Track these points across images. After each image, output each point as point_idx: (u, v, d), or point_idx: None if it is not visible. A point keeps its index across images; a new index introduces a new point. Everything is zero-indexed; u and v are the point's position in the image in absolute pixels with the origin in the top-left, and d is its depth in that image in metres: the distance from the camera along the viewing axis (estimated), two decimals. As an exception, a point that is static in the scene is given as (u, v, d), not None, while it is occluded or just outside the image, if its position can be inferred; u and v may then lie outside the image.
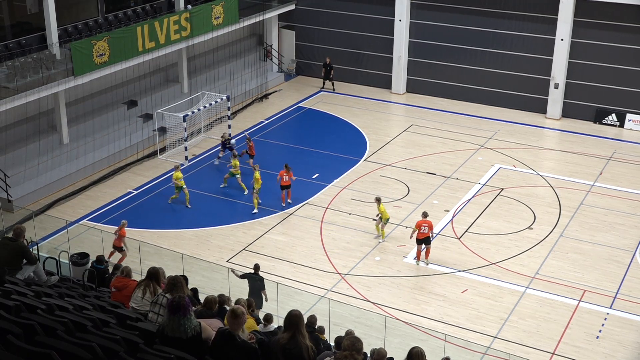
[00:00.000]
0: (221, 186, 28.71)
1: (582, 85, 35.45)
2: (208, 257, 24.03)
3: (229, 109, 33.60)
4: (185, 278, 15.32)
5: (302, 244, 25.25)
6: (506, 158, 31.72)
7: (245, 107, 37.16)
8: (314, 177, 30.01)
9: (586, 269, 23.92)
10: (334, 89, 39.13)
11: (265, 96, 38.65)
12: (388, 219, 25.43)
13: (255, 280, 20.53)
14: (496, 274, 23.58)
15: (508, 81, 36.89)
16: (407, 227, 26.10)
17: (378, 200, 25.48)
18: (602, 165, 31.21)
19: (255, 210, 27.10)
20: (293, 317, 9.81)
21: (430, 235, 23.75)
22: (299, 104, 37.90)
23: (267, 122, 35.51)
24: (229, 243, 25.26)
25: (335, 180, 29.68)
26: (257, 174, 27.04)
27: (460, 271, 23.70)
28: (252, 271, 20.91)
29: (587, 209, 27.58)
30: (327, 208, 27.56)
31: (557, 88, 35.55)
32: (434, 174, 30.17)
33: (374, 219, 26.00)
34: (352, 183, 29.31)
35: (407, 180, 29.55)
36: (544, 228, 26.27)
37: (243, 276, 20.66)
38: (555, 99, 35.77)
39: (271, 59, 41.32)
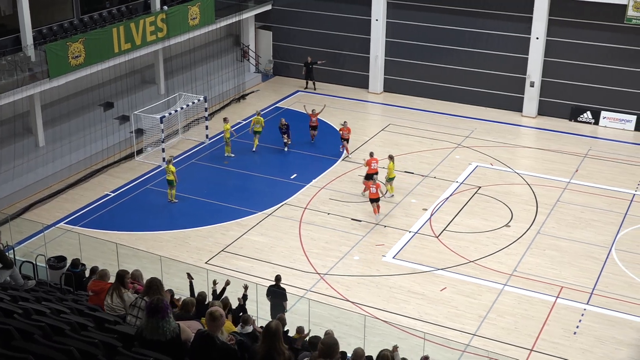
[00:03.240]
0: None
1: (557, 83, 35.74)
2: (187, 259, 23.93)
3: (206, 109, 33.51)
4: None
5: (281, 244, 25.24)
6: (483, 156, 31.90)
7: (223, 107, 37.07)
8: (292, 177, 30.01)
9: (563, 265, 24.11)
10: (315, 88, 39.13)
11: (243, 97, 38.57)
12: (393, 178, 27.63)
13: (278, 294, 20.17)
14: (474, 271, 23.70)
15: (484, 80, 37.10)
16: (385, 227, 26.19)
17: (391, 157, 27.57)
18: (578, 162, 31.48)
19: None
20: (270, 331, 9.36)
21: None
22: (277, 104, 37.86)
23: (244, 122, 35.43)
24: (207, 244, 25.19)
25: (314, 180, 29.69)
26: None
27: (438, 269, 23.80)
28: (274, 283, 20.52)
29: (563, 206, 27.80)
30: (305, 208, 27.57)
31: (532, 86, 35.81)
32: (412, 173, 30.26)
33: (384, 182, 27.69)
34: (330, 183, 29.34)
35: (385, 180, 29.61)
36: (521, 225, 26.45)
37: (268, 294, 20.24)
38: (531, 97, 36.02)
39: (248, 60, 41.25)
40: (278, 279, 20.47)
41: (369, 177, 27.41)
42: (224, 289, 18.59)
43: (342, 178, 29.92)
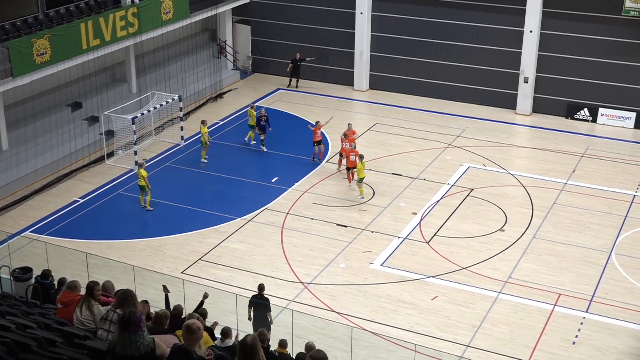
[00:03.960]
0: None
1: (552, 79, 35.92)
2: (161, 269, 23.84)
3: (181, 109, 33.42)
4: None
5: (261, 252, 25.19)
6: (475, 157, 32.01)
7: (199, 107, 36.98)
8: (273, 180, 29.98)
9: (561, 271, 24.22)
10: (297, 86, 39.09)
11: (220, 95, 38.50)
12: (363, 179, 28.00)
13: (261, 305, 20.01)
14: (467, 279, 23.76)
15: (475, 76, 37.23)
16: (372, 232, 26.22)
17: (360, 157, 28.01)
18: (575, 162, 31.64)
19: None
20: (246, 346, 9.26)
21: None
22: (256, 103, 37.78)
23: (222, 123, 35.37)
24: (183, 253, 25.10)
25: (296, 184, 29.66)
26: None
27: (429, 277, 23.83)
28: (256, 292, 20.36)
29: (560, 209, 27.93)
30: (287, 213, 27.55)
31: (526, 82, 35.98)
32: (400, 175, 30.31)
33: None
34: (313, 186, 29.33)
35: (372, 182, 29.65)
36: (516, 229, 26.55)
37: (250, 305, 20.07)
38: (525, 94, 36.19)
39: (225, 56, 41.18)
40: (261, 288, 20.38)
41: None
42: (202, 302, 18.52)
43: (326, 181, 29.92)
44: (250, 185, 29.80)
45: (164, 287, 18.89)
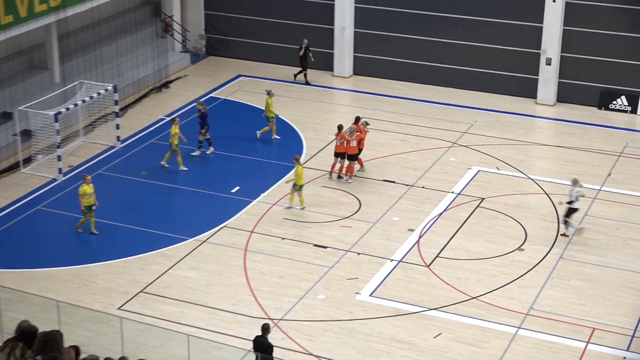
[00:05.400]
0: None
1: (581, 59, 36.06)
2: (93, 304, 23.66)
3: (116, 103, 33.26)
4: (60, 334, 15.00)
5: (220, 281, 25.07)
6: (487, 158, 32.06)
7: (139, 99, 36.85)
8: (233, 191, 29.87)
9: (595, 300, 24.24)
10: (307, 81, 38.86)
11: (166, 84, 38.40)
12: (302, 186, 28.27)
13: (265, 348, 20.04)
14: (478, 311, 23.74)
15: (486, 57, 37.31)
16: (359, 254, 26.16)
17: (297, 160, 28.47)
18: (611, 163, 31.76)
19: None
20: None
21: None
22: (212, 94, 37.69)
23: (168, 119, 35.20)
24: (120, 284, 24.92)
25: (262, 195, 29.55)
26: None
27: (430, 310, 23.79)
28: (260, 334, 20.34)
29: (593, 222, 27.99)
30: (252, 232, 27.44)
31: (549, 64, 36.10)
32: (393, 182, 30.29)
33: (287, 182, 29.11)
34: (284, 198, 29.26)
35: (358, 192, 29.59)
36: (538, 249, 26.58)
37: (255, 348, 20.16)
38: (548, 79, 36.31)
39: (172, 35, 41.06)
40: (266, 329, 20.26)
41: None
42: None
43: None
44: (205, 197, 29.69)
45: None
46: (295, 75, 38.82)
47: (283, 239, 27.10)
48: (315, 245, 26.73)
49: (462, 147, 32.87)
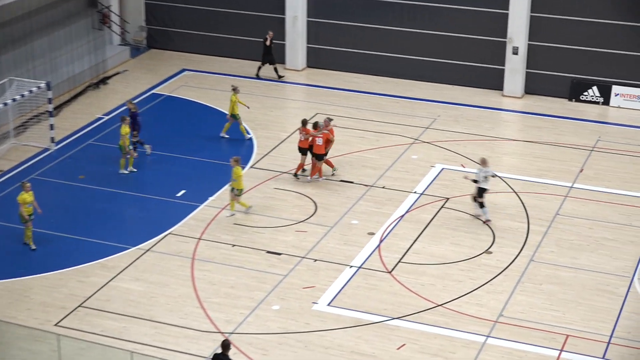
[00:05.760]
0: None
1: (550, 48, 36.32)
2: (27, 321, 23.41)
3: (50, 101, 32.99)
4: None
5: (165, 293, 24.94)
6: (450, 155, 32.19)
7: (75, 97, 36.61)
8: (178, 195, 29.79)
9: (568, 304, 24.41)
10: (278, 76, 38.80)
11: (104, 80, 38.19)
12: (241, 190, 28.13)
13: None
14: (445, 319, 23.81)
15: (449, 47, 37.46)
16: (315, 261, 26.15)
17: (236, 161, 28.22)
18: (583, 158, 32.03)
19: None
20: None
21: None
22: (154, 90, 37.52)
23: (107, 118, 35.00)
24: (57, 298, 24.70)
25: (210, 199, 29.47)
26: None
27: (393, 319, 23.84)
28: (220, 352, 20.31)
29: (565, 221, 28.21)
30: (199, 239, 27.35)
31: (516, 54, 36.32)
32: (351, 183, 30.32)
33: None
34: (236, 189, 29.19)
35: (313, 194, 29.62)
36: (507, 251, 26.72)
37: None
38: (515, 69, 36.54)
39: (110, 27, 40.81)
40: (226, 346, 20.21)
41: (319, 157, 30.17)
42: None
43: (251, 193, 29.80)
44: (148, 202, 29.58)
45: None
46: (277, 75, 38.81)
47: (233, 245, 27.03)
48: (268, 252, 26.68)
49: (425, 143, 32.97)
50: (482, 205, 27.90)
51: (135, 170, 31.09)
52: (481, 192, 27.76)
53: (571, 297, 24.71)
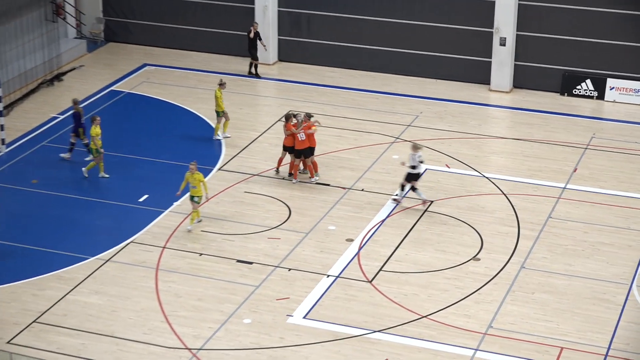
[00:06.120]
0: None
1: (540, 39, 36.41)
2: (-23, 338, 23.37)
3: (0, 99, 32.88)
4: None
5: (127, 306, 24.84)
6: (435, 154, 32.24)
7: (27, 95, 36.47)
8: (140, 200, 29.71)
9: (562, 315, 24.46)
10: (256, 72, 38.82)
11: (58, 77, 38.06)
12: (200, 197, 27.92)
13: None
14: (430, 332, 23.82)
15: (432, 38, 37.50)
16: (289, 270, 26.13)
17: (193, 168, 27.79)
18: (576, 157, 32.13)
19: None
20: None
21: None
22: (113, 87, 37.40)
23: (62, 117, 34.86)
24: (9, 313, 24.55)
25: (175, 204, 29.40)
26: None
27: (374, 332, 23.84)
28: None
29: (557, 225, 28.29)
30: (164, 247, 27.27)
31: (503, 45, 36.40)
32: (327, 185, 30.31)
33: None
34: (201, 205, 29.11)
35: (287, 197, 29.60)
36: (496, 257, 26.77)
37: None
38: (502, 62, 36.62)
39: (64, 19, 40.64)
40: None
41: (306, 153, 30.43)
42: None
43: (219, 198, 29.76)
44: (108, 208, 29.50)
45: None
46: (249, 70, 38.73)
47: (201, 254, 26.96)
48: (238, 261, 26.63)
49: (407, 142, 33.00)
50: (414, 188, 28.92)
51: (87, 176, 30.91)
52: (413, 177, 28.72)
53: (565, 307, 24.77)
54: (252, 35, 37.93)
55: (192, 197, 28.02)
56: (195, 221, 28.21)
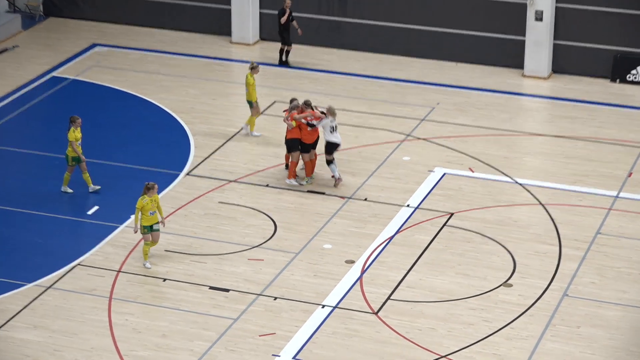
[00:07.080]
0: None
1: (585, 12, 36.46)
2: None
3: None
4: None
5: (74, 344, 24.79)
6: (456, 155, 32.27)
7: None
8: (89, 212, 29.72)
9: (615, 354, 24.43)
10: (287, 60, 38.94)
11: (-11, 59, 38.20)
12: (152, 227, 27.31)
13: None
14: (450, 376, 23.87)
15: (451, 12, 37.55)
16: (276, 299, 26.09)
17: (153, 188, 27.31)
18: (631, 159, 32.17)
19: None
20: None
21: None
22: (55, 72, 37.44)
23: (-8, 110, 34.94)
24: None
25: (132, 217, 29.35)
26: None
27: (382, 376, 23.87)
28: None
29: (608, 242, 28.28)
30: (119, 271, 27.24)
31: (540, 20, 36.42)
32: (322, 194, 30.32)
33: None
34: (165, 219, 29.08)
35: (272, 209, 29.59)
36: (532, 283, 26.76)
37: None
38: (539, 41, 36.65)
39: (-5, -11, 40.82)
40: None
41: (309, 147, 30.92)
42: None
43: (187, 209, 29.78)
44: (49, 222, 29.54)
45: None
46: (280, 57, 38.86)
47: (165, 280, 26.92)
48: (212, 287, 26.59)
49: (420, 140, 33.02)
50: (330, 162, 30.27)
51: (71, 191, 30.92)
52: (334, 147, 30.03)
53: (619, 344, 24.75)
54: (285, 17, 37.87)
55: (151, 227, 27.55)
56: (148, 256, 27.91)
